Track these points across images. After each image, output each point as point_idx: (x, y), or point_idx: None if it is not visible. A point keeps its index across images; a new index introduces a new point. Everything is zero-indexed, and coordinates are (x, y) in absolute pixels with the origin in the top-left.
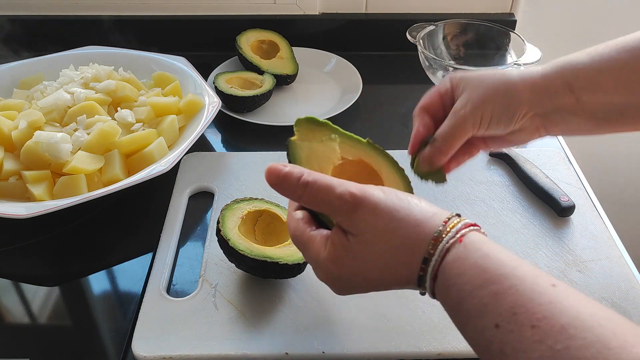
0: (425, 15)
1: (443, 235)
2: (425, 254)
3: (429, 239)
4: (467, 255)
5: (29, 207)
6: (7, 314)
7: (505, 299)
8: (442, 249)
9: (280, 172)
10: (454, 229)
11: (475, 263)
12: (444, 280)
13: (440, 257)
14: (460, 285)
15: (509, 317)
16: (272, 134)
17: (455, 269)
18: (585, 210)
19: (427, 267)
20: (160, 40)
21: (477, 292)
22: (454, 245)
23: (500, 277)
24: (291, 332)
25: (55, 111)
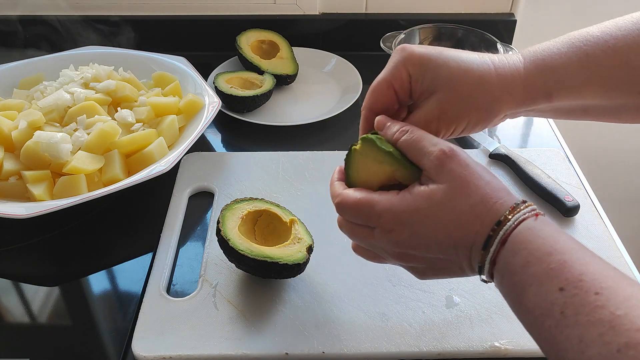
0: (425, 15)
1: (521, 207)
2: (500, 217)
3: (508, 207)
4: (541, 227)
5: (29, 207)
6: (7, 314)
7: (573, 266)
8: (517, 218)
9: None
10: (529, 207)
11: (549, 234)
12: (512, 246)
13: (515, 224)
14: (530, 250)
15: (575, 283)
16: (272, 134)
17: (528, 236)
18: (586, 211)
19: (499, 229)
20: (160, 40)
21: (546, 257)
22: (529, 217)
23: (571, 249)
24: (291, 332)
25: (55, 111)
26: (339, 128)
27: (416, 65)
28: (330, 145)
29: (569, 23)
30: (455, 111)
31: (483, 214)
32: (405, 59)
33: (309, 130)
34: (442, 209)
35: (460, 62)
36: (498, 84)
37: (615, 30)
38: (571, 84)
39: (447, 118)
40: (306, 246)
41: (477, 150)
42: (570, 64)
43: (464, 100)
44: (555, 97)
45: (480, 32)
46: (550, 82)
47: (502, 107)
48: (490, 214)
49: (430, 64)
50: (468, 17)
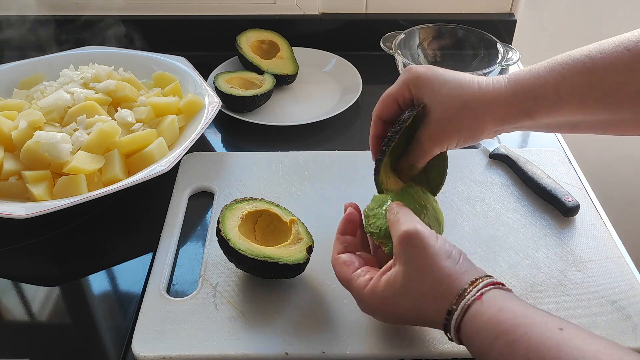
0: (425, 15)
1: (466, 294)
2: (449, 307)
3: (455, 295)
4: (483, 312)
5: (29, 207)
6: (7, 314)
7: (519, 346)
8: (463, 306)
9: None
10: (475, 288)
11: (491, 318)
12: (466, 333)
13: (462, 313)
14: (481, 339)
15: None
16: (272, 134)
17: (476, 323)
18: (586, 210)
19: (450, 319)
20: (160, 40)
21: (495, 343)
22: (474, 302)
23: (513, 327)
24: (291, 332)
25: (55, 111)
26: (339, 128)
27: (415, 87)
28: (330, 145)
29: (569, 23)
30: (444, 132)
31: (434, 304)
32: (408, 80)
33: (309, 130)
34: (402, 296)
35: (450, 88)
36: (481, 106)
37: (596, 53)
38: (548, 103)
39: (438, 137)
40: (306, 246)
41: (477, 150)
42: (547, 85)
43: (451, 122)
44: (535, 115)
45: (480, 32)
46: (529, 102)
47: (487, 125)
48: (441, 304)
49: (426, 89)
50: (468, 17)
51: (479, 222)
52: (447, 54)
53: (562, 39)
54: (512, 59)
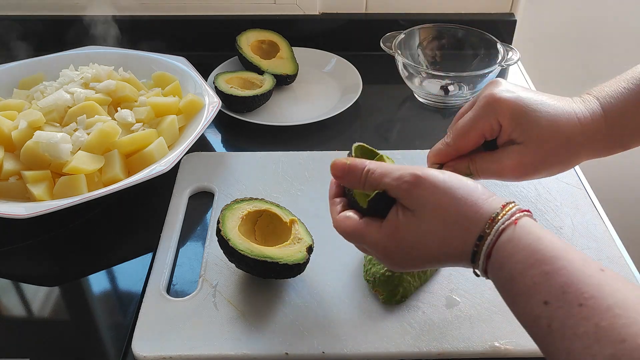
0: (426, 15)
1: (499, 217)
2: (481, 232)
3: (486, 219)
4: (520, 237)
5: (29, 207)
6: (7, 313)
7: (555, 278)
8: (497, 230)
9: (345, 165)
10: (509, 212)
11: (528, 244)
12: (497, 259)
13: (495, 237)
14: (513, 264)
15: (559, 295)
16: (272, 134)
17: (509, 248)
18: (586, 211)
19: (482, 245)
20: (160, 40)
21: (528, 271)
22: (508, 227)
23: (552, 258)
24: (291, 332)
25: (55, 111)
26: (339, 128)
27: (507, 118)
28: (330, 145)
29: (569, 23)
30: (536, 165)
31: (462, 234)
32: (498, 112)
33: (309, 130)
34: (422, 235)
35: (551, 120)
36: (581, 141)
37: None
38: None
39: (525, 168)
40: (306, 246)
41: None
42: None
43: (547, 157)
44: (630, 146)
45: (480, 32)
46: (627, 136)
47: (581, 159)
48: (471, 231)
49: (522, 119)
50: (468, 17)
51: None
52: (447, 54)
53: (562, 39)
54: (512, 59)
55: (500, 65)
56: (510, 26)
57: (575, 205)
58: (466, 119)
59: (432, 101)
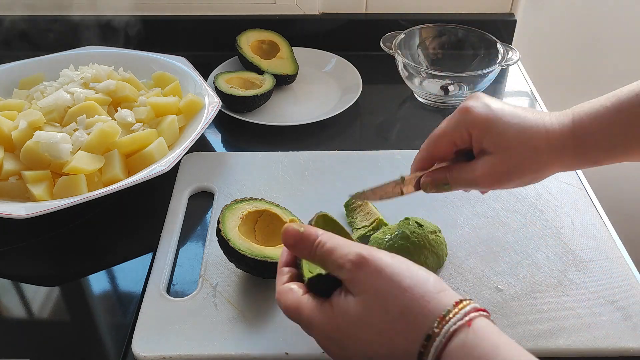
0: (426, 15)
1: (451, 316)
2: (429, 330)
3: (435, 316)
4: (475, 344)
5: (29, 207)
6: (7, 314)
7: None
8: (447, 330)
9: (297, 233)
10: (462, 311)
11: (484, 354)
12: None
13: (446, 339)
14: None
15: None
16: (272, 134)
17: (462, 356)
18: (585, 210)
19: (429, 346)
20: (160, 40)
21: None
22: (461, 329)
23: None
24: (291, 332)
25: (55, 111)
26: (339, 128)
27: (478, 129)
28: (330, 145)
29: (569, 23)
30: (506, 174)
31: (406, 329)
32: (467, 122)
33: (309, 130)
34: (361, 326)
35: (518, 131)
36: (549, 153)
37: None
38: (617, 152)
39: (497, 177)
40: None
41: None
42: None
43: (516, 167)
44: (602, 163)
45: (480, 32)
46: (598, 152)
47: (550, 171)
48: (416, 328)
49: (492, 130)
50: (468, 17)
51: (478, 222)
52: (447, 54)
53: (562, 39)
54: (512, 59)
55: (500, 65)
56: (510, 26)
57: (575, 205)
58: (439, 127)
59: (432, 101)
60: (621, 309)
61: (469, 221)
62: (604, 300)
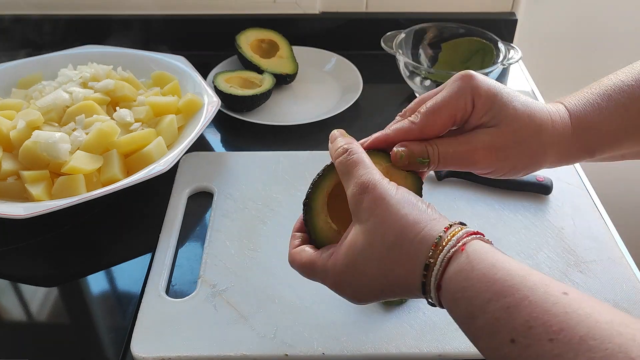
0: (426, 14)
1: (444, 243)
2: (426, 260)
3: (429, 245)
4: (472, 267)
5: (27, 207)
6: (5, 314)
7: (519, 312)
8: (443, 259)
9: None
10: (454, 237)
11: (482, 275)
12: (449, 293)
13: (443, 267)
14: (468, 299)
15: (525, 332)
16: (271, 133)
17: (461, 281)
18: (587, 211)
19: (429, 275)
20: (159, 40)
21: (487, 306)
22: (456, 255)
23: (511, 288)
24: (291, 333)
25: (54, 111)
26: (339, 128)
27: (483, 98)
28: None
29: (570, 22)
30: (507, 151)
31: (402, 259)
32: (473, 89)
33: (309, 130)
34: (365, 258)
35: (526, 106)
36: (551, 136)
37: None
38: (613, 138)
39: (495, 153)
40: None
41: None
42: (613, 121)
43: (518, 144)
44: (597, 152)
45: (481, 31)
46: (593, 141)
47: (547, 160)
48: (410, 257)
49: (498, 101)
50: (469, 16)
51: (479, 223)
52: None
53: (564, 37)
54: (513, 58)
55: (501, 64)
56: (512, 25)
57: (577, 205)
58: (438, 97)
59: None
60: (622, 310)
61: (469, 221)
62: (605, 301)
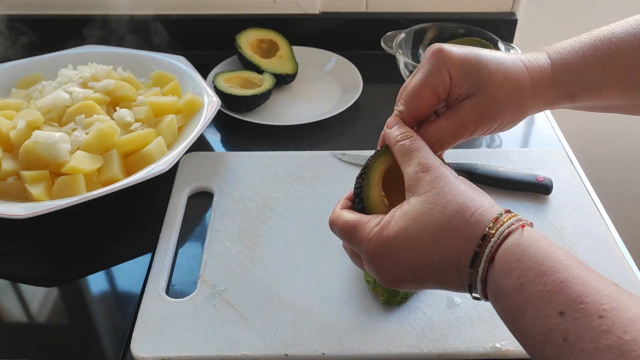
0: (426, 14)
1: (504, 219)
2: (483, 231)
3: (490, 218)
4: (530, 242)
5: (27, 207)
6: (5, 314)
7: (572, 287)
8: (502, 231)
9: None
10: (514, 218)
11: (539, 249)
12: (501, 266)
13: (501, 239)
14: (522, 270)
15: (576, 305)
16: (271, 133)
17: (518, 253)
18: (587, 211)
19: (485, 245)
20: (159, 39)
21: (540, 278)
22: (515, 230)
23: (566, 267)
24: (291, 333)
25: (54, 111)
26: (339, 128)
27: (457, 69)
28: (330, 145)
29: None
30: (492, 113)
31: (462, 228)
32: (446, 62)
33: (309, 130)
34: (420, 225)
35: (499, 65)
36: (530, 88)
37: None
38: (593, 87)
39: (483, 119)
40: None
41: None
42: (594, 68)
43: (500, 103)
44: (577, 99)
45: (481, 31)
46: (574, 86)
47: (532, 109)
48: (470, 227)
49: (472, 68)
50: (469, 16)
51: None
52: None
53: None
54: None
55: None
56: (512, 25)
57: (577, 205)
58: (416, 79)
59: None
60: None
61: None
62: None
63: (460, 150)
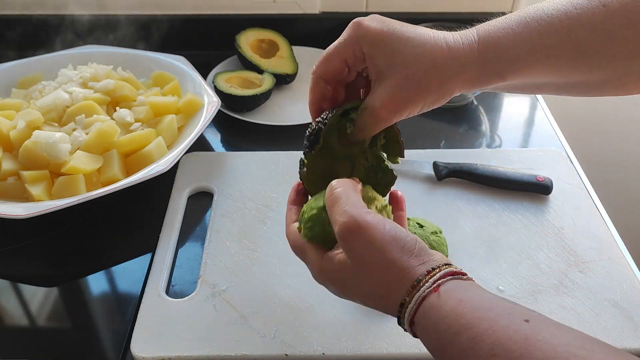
0: (426, 14)
1: (421, 285)
2: (401, 299)
3: (408, 286)
4: (441, 304)
5: (27, 207)
6: (5, 314)
7: (483, 341)
8: (417, 298)
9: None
10: (432, 279)
11: (450, 310)
12: (422, 327)
13: (416, 305)
14: (440, 334)
15: (490, 359)
16: (271, 133)
17: (433, 317)
18: (587, 211)
19: (403, 312)
20: (159, 39)
21: (456, 338)
22: (429, 295)
23: (476, 320)
24: (291, 333)
25: (54, 111)
26: None
27: (369, 46)
28: None
29: None
30: (408, 96)
31: (385, 296)
32: (359, 37)
33: None
34: (353, 282)
35: (414, 46)
36: (451, 66)
37: (572, 8)
38: (522, 65)
39: (399, 104)
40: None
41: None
42: (523, 45)
43: (417, 85)
44: (508, 76)
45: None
46: (501, 62)
47: (456, 87)
48: (391, 297)
49: (384, 47)
50: (469, 16)
51: (480, 223)
52: None
53: None
54: None
55: None
56: None
57: (577, 205)
58: (331, 46)
59: None
60: (623, 310)
61: (470, 222)
62: (605, 300)
63: (460, 150)
